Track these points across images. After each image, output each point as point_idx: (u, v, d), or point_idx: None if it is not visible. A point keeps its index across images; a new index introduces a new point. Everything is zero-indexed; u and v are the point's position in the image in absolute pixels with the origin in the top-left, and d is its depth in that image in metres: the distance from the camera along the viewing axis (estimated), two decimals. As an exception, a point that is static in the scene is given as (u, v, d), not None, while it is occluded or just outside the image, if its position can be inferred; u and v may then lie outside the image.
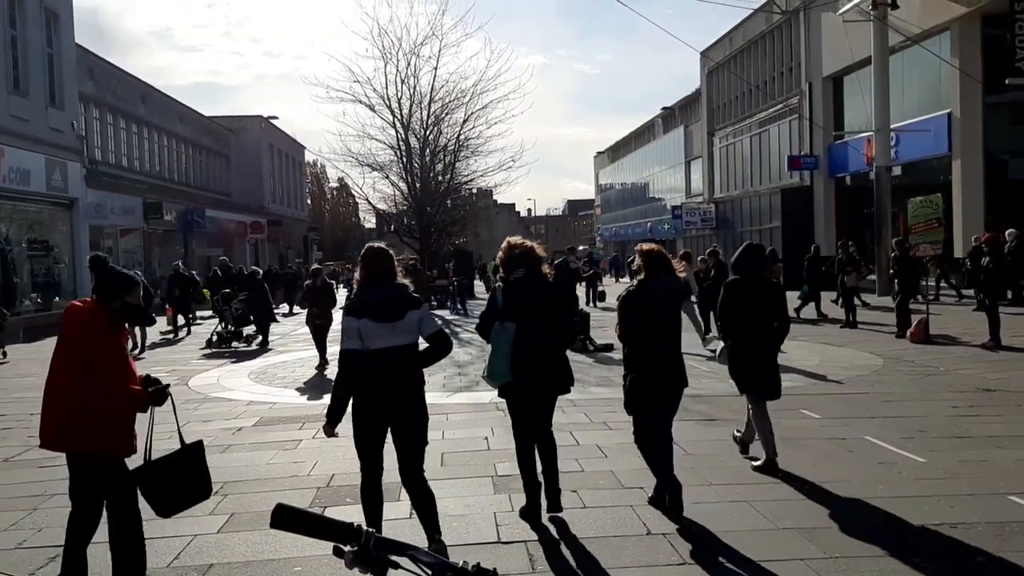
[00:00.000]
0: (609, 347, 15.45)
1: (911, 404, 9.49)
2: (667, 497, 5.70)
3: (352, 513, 5.96)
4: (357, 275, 5.27)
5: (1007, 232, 19.23)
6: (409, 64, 28.87)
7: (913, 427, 8.24)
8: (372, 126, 30.12)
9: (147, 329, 17.62)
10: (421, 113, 29.48)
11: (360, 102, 28.85)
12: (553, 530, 5.57)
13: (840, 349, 14.45)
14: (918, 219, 16.22)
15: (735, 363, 7.02)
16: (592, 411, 9.37)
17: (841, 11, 27.07)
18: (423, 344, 5.18)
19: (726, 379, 11.53)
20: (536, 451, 5.78)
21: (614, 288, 39.50)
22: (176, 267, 23.82)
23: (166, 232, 37.59)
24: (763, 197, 37.25)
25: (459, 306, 28.10)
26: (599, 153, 78.39)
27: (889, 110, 25.70)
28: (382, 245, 5.45)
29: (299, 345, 18.01)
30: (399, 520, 5.82)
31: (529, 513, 5.70)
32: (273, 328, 19.34)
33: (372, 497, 5.16)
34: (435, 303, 29.01)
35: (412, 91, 29.11)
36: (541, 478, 5.78)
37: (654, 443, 5.87)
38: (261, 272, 21.59)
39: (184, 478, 4.82)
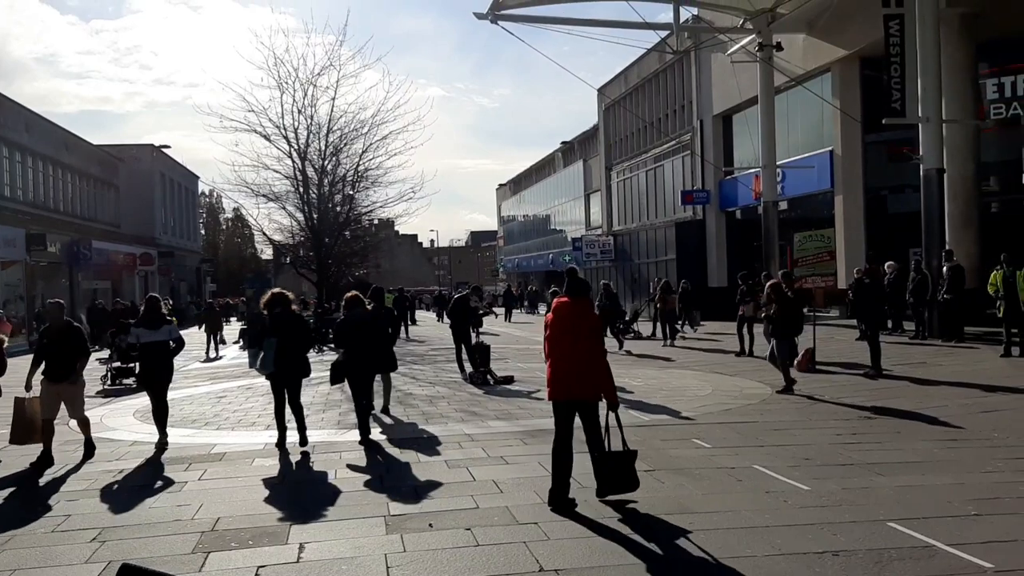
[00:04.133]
0: (510, 379, 15.29)
1: (797, 432, 9.76)
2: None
3: (238, 558, 5.77)
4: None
5: (887, 264, 20.17)
6: (306, 94, 28.73)
7: (799, 455, 8.47)
8: (268, 156, 29.78)
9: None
10: (319, 143, 29.32)
11: (255, 132, 28.44)
12: (450, 570, 5.48)
13: (731, 378, 14.81)
14: (806, 252, 16.83)
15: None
16: (490, 446, 9.32)
17: (729, 52, 28.13)
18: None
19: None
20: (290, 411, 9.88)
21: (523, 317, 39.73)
22: None
23: (51, 264, 36.06)
24: (659, 230, 38.16)
25: None
26: (501, 185, 79.05)
27: (775, 147, 26.78)
28: (156, 295, 10.82)
29: (188, 381, 17.44)
30: (286, 564, 5.64)
31: (281, 444, 9.71)
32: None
33: None
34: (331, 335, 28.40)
35: (309, 121, 28.96)
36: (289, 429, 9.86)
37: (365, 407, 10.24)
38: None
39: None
